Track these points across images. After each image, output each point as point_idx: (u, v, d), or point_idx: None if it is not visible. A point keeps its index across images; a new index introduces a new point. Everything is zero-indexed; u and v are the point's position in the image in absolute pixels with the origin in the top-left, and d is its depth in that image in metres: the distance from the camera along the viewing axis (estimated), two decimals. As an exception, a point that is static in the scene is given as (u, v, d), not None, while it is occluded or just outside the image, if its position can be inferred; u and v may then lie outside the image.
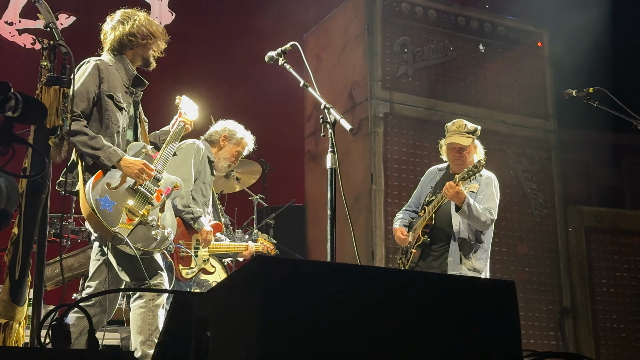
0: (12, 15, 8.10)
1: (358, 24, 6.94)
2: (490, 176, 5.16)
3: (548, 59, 7.55)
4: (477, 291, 1.78)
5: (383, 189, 6.40)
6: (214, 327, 1.86)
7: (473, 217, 4.88)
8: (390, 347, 1.67)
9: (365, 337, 1.68)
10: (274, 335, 1.61)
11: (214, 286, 1.97)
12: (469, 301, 1.75)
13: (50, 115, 3.00)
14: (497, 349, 1.73)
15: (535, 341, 6.64)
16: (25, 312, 3.25)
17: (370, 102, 6.61)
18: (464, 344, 1.70)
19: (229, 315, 1.81)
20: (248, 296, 1.69)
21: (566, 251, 7.14)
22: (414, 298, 1.72)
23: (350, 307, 1.69)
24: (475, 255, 4.96)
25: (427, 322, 1.70)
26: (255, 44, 7.85)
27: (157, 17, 8.79)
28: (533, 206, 7.09)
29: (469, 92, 7.11)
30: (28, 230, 3.06)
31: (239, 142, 5.27)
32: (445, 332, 1.69)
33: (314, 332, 1.65)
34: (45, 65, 3.11)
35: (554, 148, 7.39)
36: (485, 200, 5.01)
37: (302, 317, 1.66)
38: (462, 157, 5.14)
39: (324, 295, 1.70)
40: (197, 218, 4.87)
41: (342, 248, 4.15)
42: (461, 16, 7.23)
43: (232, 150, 5.26)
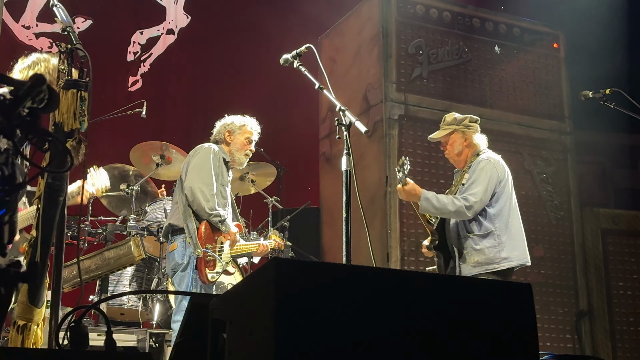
0: (29, 19, 8.17)
1: (372, 27, 6.94)
2: (481, 160, 4.91)
3: (564, 60, 7.52)
4: (493, 294, 1.78)
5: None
6: (230, 329, 1.87)
7: (439, 210, 4.73)
8: (405, 349, 1.67)
9: (381, 339, 1.68)
10: (290, 337, 1.61)
11: (230, 288, 1.98)
12: (486, 304, 1.74)
13: (68, 118, 3.03)
14: (515, 352, 1.73)
15: (552, 344, 6.60)
16: (43, 314, 3.28)
17: (385, 104, 6.60)
18: (481, 347, 1.70)
19: (245, 317, 1.82)
20: (263, 298, 1.70)
21: (582, 253, 7.10)
22: (430, 301, 1.72)
23: (366, 309, 1.70)
24: (477, 246, 4.75)
25: (443, 325, 1.70)
26: (269, 46, 7.88)
27: (173, 20, 8.83)
28: (549, 208, 7.06)
29: (484, 93, 7.10)
30: (46, 232, 3.08)
31: (243, 129, 5.28)
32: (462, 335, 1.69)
33: (330, 334, 1.65)
34: (63, 68, 3.14)
35: (570, 150, 7.36)
36: (466, 188, 4.80)
37: (317, 319, 1.66)
38: (447, 151, 5.08)
39: (340, 297, 1.70)
40: (224, 220, 4.89)
41: (357, 250, 4.15)
42: (476, 18, 7.22)
43: (241, 139, 5.27)
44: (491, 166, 4.88)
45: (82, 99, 3.08)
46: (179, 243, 4.85)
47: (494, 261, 4.72)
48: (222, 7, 9.03)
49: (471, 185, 4.81)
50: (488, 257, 4.73)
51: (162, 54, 8.77)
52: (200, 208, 4.79)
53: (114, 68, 8.37)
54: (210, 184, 4.85)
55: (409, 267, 6.22)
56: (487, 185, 4.80)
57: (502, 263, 4.73)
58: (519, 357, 1.73)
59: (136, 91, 8.48)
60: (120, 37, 8.62)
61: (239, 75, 8.69)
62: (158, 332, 5.56)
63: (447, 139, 5.04)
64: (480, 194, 4.76)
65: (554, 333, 6.72)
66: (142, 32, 8.73)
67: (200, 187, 4.80)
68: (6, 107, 1.42)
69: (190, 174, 4.90)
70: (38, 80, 1.48)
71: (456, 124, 5.02)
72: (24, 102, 1.45)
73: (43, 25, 8.14)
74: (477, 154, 4.97)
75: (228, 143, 5.25)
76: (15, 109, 1.43)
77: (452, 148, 5.03)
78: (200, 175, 4.84)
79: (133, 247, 5.51)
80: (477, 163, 4.91)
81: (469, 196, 4.74)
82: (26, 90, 1.46)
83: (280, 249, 5.69)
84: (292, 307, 1.64)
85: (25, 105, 1.45)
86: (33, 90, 1.46)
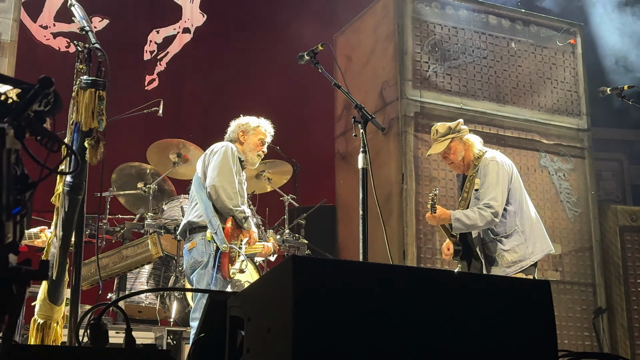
0: (46, 18, 8.23)
1: (388, 24, 6.93)
2: (487, 163, 4.91)
3: (581, 56, 7.47)
4: (512, 291, 1.78)
5: (414, 189, 6.39)
6: (248, 326, 1.88)
7: (472, 227, 4.77)
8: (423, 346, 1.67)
9: (399, 336, 1.68)
10: (308, 334, 1.62)
11: (248, 286, 1.99)
12: (505, 301, 1.74)
13: (87, 117, 3.05)
14: (533, 349, 1.72)
15: (570, 341, 6.57)
16: (62, 312, 3.31)
17: (400, 101, 6.60)
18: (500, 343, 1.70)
19: (263, 315, 1.83)
20: (281, 296, 1.71)
21: (600, 250, 7.05)
22: (447, 298, 1.72)
23: (383, 307, 1.70)
24: (506, 247, 4.78)
25: (461, 322, 1.70)
26: (285, 44, 7.88)
27: (189, 19, 8.87)
28: (566, 205, 7.02)
29: (501, 90, 7.07)
30: (65, 230, 3.11)
31: (256, 130, 5.31)
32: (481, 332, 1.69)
33: (347, 331, 1.66)
34: (81, 68, 3.16)
35: (588, 146, 7.31)
36: (483, 194, 4.81)
37: (335, 316, 1.67)
38: (450, 160, 5.06)
39: (358, 295, 1.71)
40: (248, 217, 4.93)
41: (373, 248, 4.16)
42: (492, 14, 7.19)
43: (254, 140, 5.29)
44: (499, 165, 4.90)
45: (100, 98, 3.10)
46: (198, 241, 4.87)
47: (525, 258, 4.79)
48: (237, 5, 9.05)
49: (487, 190, 4.82)
50: (520, 255, 4.79)
51: (178, 53, 8.81)
52: (224, 206, 4.83)
53: (131, 67, 8.42)
54: (233, 182, 4.88)
55: (425, 264, 6.21)
56: (502, 186, 4.84)
57: (531, 258, 4.81)
58: (538, 354, 1.72)
59: (153, 90, 8.52)
60: (137, 36, 8.66)
61: (255, 73, 8.71)
62: (175, 329, 5.59)
63: (447, 150, 5.01)
64: (500, 196, 4.79)
65: (571, 331, 6.69)
66: (158, 31, 8.77)
67: (223, 185, 4.83)
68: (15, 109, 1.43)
69: (212, 172, 4.92)
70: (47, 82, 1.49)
71: (452, 132, 5.01)
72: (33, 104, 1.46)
73: (60, 25, 8.19)
74: (479, 156, 4.96)
75: (242, 143, 5.27)
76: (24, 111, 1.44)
77: (456, 156, 5.01)
78: (222, 173, 4.86)
79: (150, 245, 5.55)
80: (484, 166, 4.91)
81: (490, 202, 4.76)
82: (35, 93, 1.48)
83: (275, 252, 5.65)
84: (309, 304, 1.65)
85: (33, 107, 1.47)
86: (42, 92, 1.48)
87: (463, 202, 4.97)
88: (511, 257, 4.77)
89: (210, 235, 4.81)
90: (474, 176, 4.91)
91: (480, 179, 4.87)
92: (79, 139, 3.07)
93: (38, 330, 3.25)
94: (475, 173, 4.92)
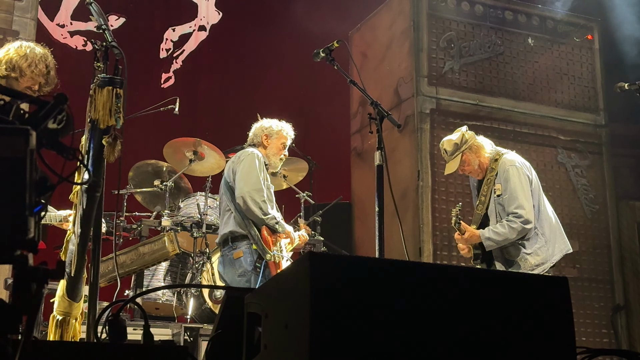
0: (63, 17, 8.27)
1: (403, 20, 6.91)
2: (507, 168, 4.86)
3: (598, 52, 7.42)
4: (530, 287, 1.77)
5: (430, 185, 6.38)
6: (265, 323, 1.89)
7: (505, 242, 4.72)
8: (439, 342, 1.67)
9: (415, 332, 1.68)
10: (325, 331, 1.62)
11: (265, 282, 2.00)
12: (523, 297, 1.74)
13: (104, 115, 3.07)
14: (551, 346, 1.72)
15: (588, 338, 6.53)
16: (81, 308, 3.33)
17: (416, 98, 6.58)
18: (518, 340, 1.69)
19: (280, 311, 1.83)
20: (298, 292, 1.71)
21: (618, 247, 7.01)
22: (465, 294, 1.72)
23: (401, 303, 1.70)
24: (528, 250, 4.75)
25: (479, 318, 1.70)
26: (300, 41, 7.88)
27: (205, 17, 8.89)
28: (584, 202, 6.98)
29: (517, 86, 7.03)
30: (83, 227, 3.13)
31: (279, 134, 5.35)
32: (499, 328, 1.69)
33: (364, 327, 1.66)
34: (99, 66, 3.18)
35: (605, 142, 7.26)
36: (509, 202, 4.76)
37: (352, 312, 1.67)
38: (468, 171, 5.03)
39: (374, 291, 1.71)
40: (279, 221, 4.98)
41: (389, 244, 4.15)
42: (508, 10, 7.15)
43: (277, 144, 5.32)
44: (519, 170, 4.87)
45: (117, 96, 3.12)
46: (244, 250, 4.94)
47: (546, 260, 4.78)
48: (253, 3, 9.06)
49: (511, 197, 4.77)
50: (543, 258, 4.77)
51: (194, 51, 8.82)
52: (254, 216, 4.89)
53: (147, 65, 8.44)
54: (261, 190, 4.93)
55: (441, 261, 6.20)
56: (526, 191, 4.80)
57: (551, 260, 4.79)
58: (556, 351, 1.72)
59: (169, 88, 8.54)
60: (153, 34, 8.69)
61: (271, 71, 8.71)
62: (192, 326, 5.61)
63: (461, 164, 4.98)
64: (525, 203, 4.75)
65: (589, 328, 6.65)
66: (174, 29, 8.80)
67: (251, 195, 4.88)
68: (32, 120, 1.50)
69: (239, 182, 4.97)
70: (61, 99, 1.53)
71: (459, 147, 4.97)
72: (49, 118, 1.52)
73: (77, 23, 8.23)
74: (495, 158, 4.92)
75: (265, 146, 5.31)
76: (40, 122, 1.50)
77: (471, 166, 4.97)
78: (249, 182, 4.91)
79: (167, 242, 5.57)
80: (504, 171, 4.86)
81: (517, 211, 4.71)
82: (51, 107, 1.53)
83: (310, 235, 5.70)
84: (326, 300, 1.65)
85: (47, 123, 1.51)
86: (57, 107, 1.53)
87: (481, 206, 4.93)
88: (534, 260, 4.74)
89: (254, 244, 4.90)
90: (491, 179, 4.86)
91: (502, 185, 4.82)
92: (97, 136, 3.09)
93: (57, 326, 3.28)
94: (494, 177, 4.87)
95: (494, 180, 4.87)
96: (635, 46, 7.32)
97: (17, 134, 1.39)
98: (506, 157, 4.96)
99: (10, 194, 1.36)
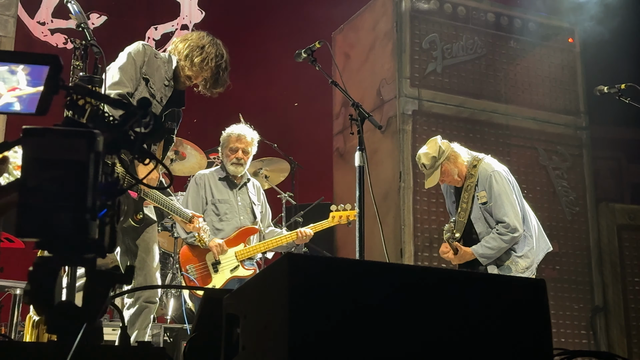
0: (44, 15, 8.21)
1: (386, 22, 6.92)
2: (489, 174, 4.88)
3: (579, 55, 7.47)
4: (507, 289, 1.78)
5: (411, 187, 6.39)
6: (244, 324, 1.88)
7: (497, 253, 4.74)
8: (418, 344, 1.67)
9: (394, 334, 1.68)
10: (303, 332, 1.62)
11: (243, 283, 1.99)
12: (500, 299, 1.74)
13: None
14: (528, 348, 1.72)
15: (567, 340, 6.57)
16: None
17: (398, 99, 6.59)
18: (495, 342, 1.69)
19: (258, 312, 1.82)
20: (277, 293, 1.70)
21: (598, 249, 7.06)
22: (442, 296, 1.72)
23: (378, 304, 1.70)
24: (519, 253, 4.78)
25: (456, 321, 1.70)
26: (284, 42, 7.87)
27: (187, 16, 8.85)
28: (564, 204, 7.03)
29: (499, 89, 7.07)
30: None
31: (226, 141, 5.68)
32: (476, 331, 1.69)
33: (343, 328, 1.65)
34: (78, 65, 3.15)
35: (586, 145, 7.31)
36: (496, 209, 4.78)
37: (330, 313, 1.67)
38: (448, 181, 5.04)
39: (353, 292, 1.70)
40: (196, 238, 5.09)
41: (370, 246, 4.15)
42: (491, 12, 7.18)
43: (226, 151, 5.62)
44: (501, 176, 4.90)
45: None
46: None
47: (534, 262, 4.81)
48: (236, 2, 9.04)
49: (497, 206, 4.79)
50: (531, 260, 4.83)
51: (176, 50, 8.78)
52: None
53: (129, 64, 8.38)
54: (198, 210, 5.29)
55: (422, 262, 6.21)
56: (510, 198, 4.83)
57: (537, 260, 4.87)
58: (532, 353, 1.72)
59: (150, 87, 8.49)
60: (135, 33, 8.63)
61: (253, 71, 8.69)
62: (172, 327, 5.59)
63: (441, 176, 4.98)
64: (511, 210, 4.78)
65: (569, 329, 6.69)
66: (156, 28, 8.76)
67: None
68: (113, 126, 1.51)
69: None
70: (143, 103, 1.55)
71: (437, 160, 4.96)
72: (129, 123, 1.53)
73: (58, 21, 8.18)
74: (473, 164, 4.93)
75: (224, 156, 5.65)
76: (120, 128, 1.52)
77: (451, 177, 4.98)
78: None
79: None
80: (485, 178, 4.88)
81: (505, 219, 4.74)
82: (131, 112, 1.54)
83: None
84: (305, 302, 1.65)
85: (131, 126, 1.54)
86: (137, 112, 1.54)
87: (463, 214, 4.93)
88: (525, 262, 4.78)
89: None
90: (471, 186, 4.86)
91: (487, 192, 4.83)
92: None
93: (34, 327, 3.25)
94: (474, 183, 4.87)
95: (475, 186, 4.87)
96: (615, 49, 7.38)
97: (80, 137, 1.39)
98: (485, 162, 4.97)
99: (72, 197, 1.36)
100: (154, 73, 4.11)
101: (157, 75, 4.14)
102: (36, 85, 1.50)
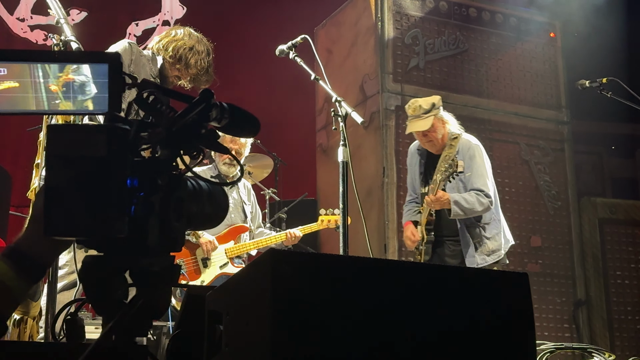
0: (23, 11, 8.13)
1: (369, 17, 6.92)
2: (470, 146, 4.86)
3: (561, 49, 7.51)
4: (490, 283, 1.78)
5: (395, 182, 6.39)
6: (227, 321, 1.86)
7: (469, 212, 4.67)
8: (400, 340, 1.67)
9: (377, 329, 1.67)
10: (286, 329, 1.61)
11: (227, 280, 1.98)
12: (481, 293, 1.74)
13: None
14: (511, 342, 1.72)
15: (550, 333, 6.61)
16: (39, 307, 3.27)
17: (381, 95, 6.59)
18: (477, 336, 1.69)
19: (241, 309, 1.81)
20: (260, 290, 1.69)
21: (580, 243, 7.11)
22: (427, 291, 1.72)
23: (362, 299, 1.69)
24: (488, 234, 4.76)
25: (437, 316, 1.70)
26: (265, 37, 7.85)
27: (169, 12, 8.80)
28: (546, 198, 7.06)
29: (481, 83, 7.09)
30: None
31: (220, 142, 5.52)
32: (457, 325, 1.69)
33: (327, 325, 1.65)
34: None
35: (567, 139, 7.36)
36: (475, 179, 4.74)
37: (314, 310, 1.66)
38: (430, 138, 4.91)
39: (337, 288, 1.70)
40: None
41: (354, 242, 4.15)
42: (473, 8, 7.20)
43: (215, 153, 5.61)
44: (482, 152, 4.91)
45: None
46: None
47: (500, 248, 4.78)
48: (217, -2, 9.00)
49: (476, 176, 4.76)
50: (498, 244, 4.80)
51: (158, 46, 8.73)
52: None
53: (110, 60, 8.33)
54: None
55: (406, 257, 6.22)
56: (489, 173, 4.84)
57: (504, 248, 4.81)
58: (515, 347, 1.72)
59: (132, 83, 8.44)
60: (116, 29, 8.58)
61: (235, 67, 8.66)
62: (155, 324, 5.55)
63: (430, 127, 4.86)
64: (490, 186, 4.78)
65: (551, 323, 6.74)
66: (137, 24, 8.70)
67: None
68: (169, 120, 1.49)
69: None
70: (205, 95, 1.54)
71: (434, 109, 4.88)
72: (188, 116, 1.51)
73: (37, 17, 8.10)
74: (455, 136, 4.87)
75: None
76: (176, 122, 1.49)
77: (436, 134, 4.89)
78: None
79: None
80: (467, 148, 4.85)
81: (484, 189, 4.71)
82: (191, 106, 1.53)
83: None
84: (288, 298, 1.64)
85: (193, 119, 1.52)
86: (198, 105, 1.53)
87: (435, 184, 4.82)
88: (492, 245, 4.74)
89: None
90: (449, 156, 4.70)
91: (465, 162, 4.73)
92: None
93: (15, 326, 3.22)
94: (452, 154, 4.74)
95: (452, 156, 4.71)
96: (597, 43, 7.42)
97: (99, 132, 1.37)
98: (466, 136, 4.95)
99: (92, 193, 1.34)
100: (140, 71, 4.11)
101: (143, 73, 4.13)
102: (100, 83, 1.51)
